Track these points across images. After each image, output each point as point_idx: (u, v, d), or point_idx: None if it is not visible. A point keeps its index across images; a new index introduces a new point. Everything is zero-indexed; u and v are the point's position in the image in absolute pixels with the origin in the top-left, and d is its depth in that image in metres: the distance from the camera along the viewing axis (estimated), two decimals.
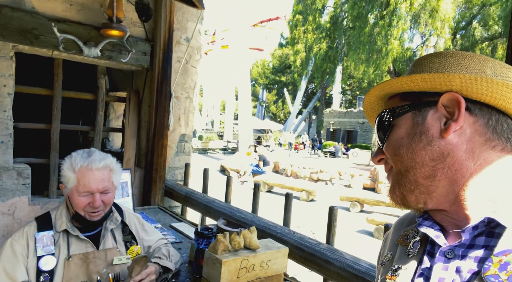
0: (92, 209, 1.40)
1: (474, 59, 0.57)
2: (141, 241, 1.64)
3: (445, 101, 0.56)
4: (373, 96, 0.67)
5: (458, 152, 0.55)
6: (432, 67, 0.59)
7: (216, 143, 24.12)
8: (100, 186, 1.40)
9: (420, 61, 0.63)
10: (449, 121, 0.55)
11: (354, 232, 7.21)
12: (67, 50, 2.61)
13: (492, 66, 0.57)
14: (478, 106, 0.56)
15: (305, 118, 40.53)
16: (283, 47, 41.93)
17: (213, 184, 5.31)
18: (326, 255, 1.76)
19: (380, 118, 0.65)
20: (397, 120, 0.61)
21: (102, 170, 1.41)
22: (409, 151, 0.58)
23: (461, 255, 0.53)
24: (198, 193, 2.92)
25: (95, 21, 2.78)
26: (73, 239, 1.43)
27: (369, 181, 12.12)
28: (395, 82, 0.60)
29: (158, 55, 3.05)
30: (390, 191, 0.64)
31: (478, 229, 0.53)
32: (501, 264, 0.47)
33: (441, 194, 0.57)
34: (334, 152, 20.74)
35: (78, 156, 1.42)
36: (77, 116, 3.97)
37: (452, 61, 0.58)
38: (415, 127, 0.58)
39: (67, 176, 1.39)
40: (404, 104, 0.61)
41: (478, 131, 0.55)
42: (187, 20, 3.37)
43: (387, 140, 0.62)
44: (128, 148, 3.13)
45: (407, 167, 0.59)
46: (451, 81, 0.54)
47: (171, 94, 3.16)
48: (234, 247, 1.49)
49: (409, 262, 0.61)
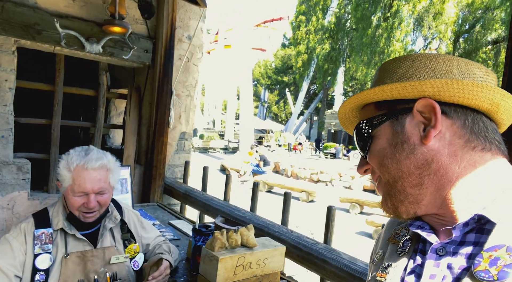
0: (86, 210, 1.37)
1: (439, 60, 0.58)
2: (140, 239, 1.63)
3: (420, 107, 0.57)
4: (347, 107, 0.68)
5: (441, 156, 0.55)
6: (400, 72, 0.60)
7: (217, 142, 24.13)
8: (95, 186, 1.36)
9: (387, 67, 0.63)
10: (427, 128, 0.56)
11: (353, 233, 7.21)
12: (69, 46, 2.61)
13: (458, 65, 0.57)
14: (452, 108, 0.56)
15: (306, 119, 40.52)
16: (286, 48, 41.93)
17: (213, 183, 5.32)
18: (323, 254, 1.75)
19: (358, 129, 0.65)
20: (376, 130, 0.62)
21: (98, 169, 1.37)
22: (394, 161, 0.59)
23: (452, 251, 0.54)
24: (197, 191, 2.92)
25: (97, 18, 2.78)
26: (71, 237, 1.41)
27: (369, 183, 12.10)
28: (368, 93, 0.60)
29: (160, 53, 3.06)
30: (382, 203, 0.64)
31: (468, 226, 0.53)
32: (491, 259, 0.47)
33: (429, 201, 0.58)
34: (335, 153, 20.72)
35: (75, 154, 1.38)
36: (78, 112, 3.97)
37: (418, 65, 0.59)
38: (396, 136, 0.59)
39: (63, 174, 1.36)
40: (380, 114, 0.61)
41: (457, 133, 0.56)
42: (190, 18, 3.37)
43: (369, 151, 0.63)
44: (128, 145, 3.13)
45: (395, 177, 0.59)
46: (423, 87, 0.55)
47: (172, 92, 3.16)
48: (231, 244, 1.49)
49: (399, 260, 0.62)
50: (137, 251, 1.56)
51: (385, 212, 0.64)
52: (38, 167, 2.83)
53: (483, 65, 0.59)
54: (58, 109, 2.81)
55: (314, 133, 40.32)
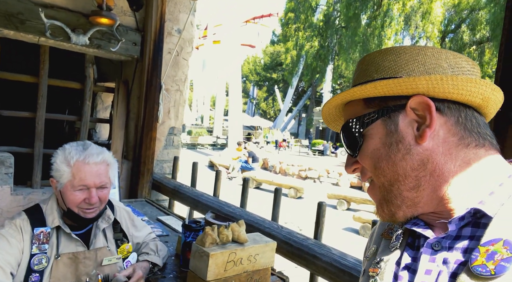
0: (87, 206, 1.33)
1: (428, 53, 0.56)
2: (131, 238, 1.60)
3: (414, 105, 0.55)
4: (333, 105, 0.65)
5: (436, 156, 0.54)
6: (387, 66, 0.58)
7: (205, 139, 23.99)
8: (97, 180, 1.32)
9: (372, 59, 0.61)
10: (422, 127, 0.54)
11: (341, 229, 7.28)
12: (54, 37, 2.53)
13: (446, 58, 0.56)
14: (446, 104, 0.55)
15: (295, 116, 40.66)
16: (275, 45, 41.89)
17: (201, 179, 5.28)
18: (313, 250, 1.75)
19: (347, 128, 0.62)
20: (367, 129, 0.59)
21: (99, 164, 1.33)
22: (390, 163, 0.56)
23: (448, 246, 0.53)
24: (187, 187, 2.89)
25: (84, 8, 2.71)
26: (63, 237, 1.35)
27: (356, 179, 12.24)
28: (359, 90, 0.57)
29: (149, 46, 3.00)
30: (378, 209, 0.61)
31: (464, 220, 0.52)
32: (488, 253, 0.47)
33: (426, 202, 0.56)
34: (323, 150, 20.87)
35: (73, 148, 1.33)
36: (64, 105, 3.88)
37: (407, 58, 0.57)
38: (390, 136, 0.56)
39: (61, 170, 1.30)
40: (370, 112, 0.58)
41: (451, 131, 0.55)
42: (179, 11, 3.31)
43: (360, 151, 0.60)
44: (116, 140, 3.07)
45: (391, 181, 0.57)
46: (417, 84, 0.53)
47: (161, 86, 3.11)
48: (222, 240, 1.47)
49: (391, 255, 0.60)
50: (129, 251, 1.53)
51: (381, 219, 0.62)
52: (21, 161, 2.75)
53: (468, 57, 0.58)
54: (43, 102, 2.73)
55: (302, 130, 40.51)
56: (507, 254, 0.45)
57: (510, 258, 0.45)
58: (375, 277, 0.60)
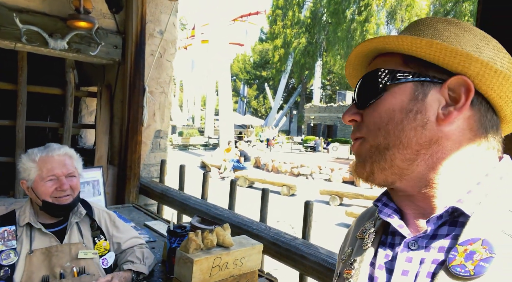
0: (60, 193, 1.40)
1: (490, 44, 0.52)
2: (111, 237, 1.61)
3: (453, 85, 0.51)
4: (372, 45, 0.56)
5: (446, 141, 0.51)
6: (447, 36, 0.52)
7: (196, 139, 23.86)
8: (64, 169, 1.42)
9: (433, 24, 0.54)
10: (449, 108, 0.50)
11: (334, 225, 7.31)
12: (31, 42, 2.47)
13: (503, 58, 0.52)
14: (480, 99, 0.52)
15: (286, 113, 40.74)
16: (264, 42, 41.86)
17: (193, 181, 5.24)
18: (301, 250, 1.74)
19: (373, 75, 0.55)
20: (393, 86, 0.53)
21: (62, 155, 1.44)
22: (398, 129, 0.52)
23: (424, 246, 0.51)
24: (174, 190, 2.85)
25: (61, 12, 2.65)
26: (36, 233, 1.42)
27: (348, 174, 12.31)
28: (412, 40, 0.50)
29: (130, 48, 2.95)
30: (357, 165, 0.57)
31: (442, 218, 0.51)
32: (467, 253, 0.45)
33: (413, 178, 0.53)
34: (315, 147, 20.94)
35: (35, 149, 1.44)
36: (46, 112, 3.80)
37: (469, 38, 0.52)
38: (413, 103, 0.52)
39: (28, 167, 1.39)
40: (406, 71, 0.52)
41: (470, 126, 0.52)
42: (161, 12, 3.27)
43: (373, 105, 0.54)
44: (100, 145, 3.02)
45: (389, 145, 0.53)
46: (472, 64, 0.49)
47: (144, 89, 3.06)
48: (207, 245, 1.45)
49: (365, 254, 0.58)
50: (107, 249, 1.55)
51: (357, 175, 0.58)
52: (2, 171, 2.68)
53: None
54: (22, 109, 2.66)
55: (294, 127, 40.62)
56: (486, 254, 0.44)
57: (489, 258, 0.44)
58: (349, 279, 0.58)
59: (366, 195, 8.53)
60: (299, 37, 25.25)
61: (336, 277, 0.65)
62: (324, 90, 40.02)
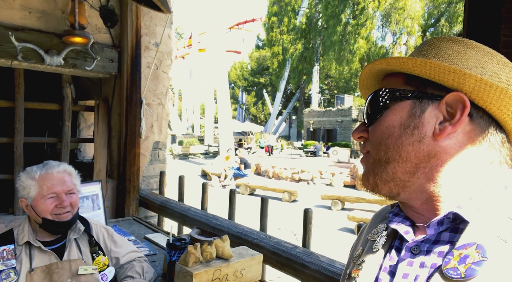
0: (60, 211, 1.41)
1: (494, 59, 0.54)
2: (109, 253, 1.61)
3: (450, 101, 0.52)
4: (375, 69, 0.62)
5: (445, 155, 0.53)
6: (449, 54, 0.55)
7: (197, 148, 23.85)
8: (64, 186, 1.43)
9: (437, 43, 0.57)
10: (445, 123, 0.52)
11: (336, 230, 7.27)
12: (27, 60, 2.49)
13: (509, 72, 0.53)
14: (480, 114, 0.53)
15: (285, 119, 40.79)
16: (260, 49, 42.09)
17: (193, 191, 5.23)
18: (302, 258, 1.73)
19: (376, 95, 0.59)
20: (393, 104, 0.57)
21: (62, 172, 1.45)
22: (397, 144, 0.55)
23: (426, 250, 0.53)
24: (174, 201, 2.85)
25: (56, 29, 2.67)
26: (36, 251, 1.42)
27: (349, 178, 12.28)
28: (408, 61, 0.54)
29: (126, 62, 2.97)
30: (363, 177, 0.61)
31: (443, 225, 0.52)
32: (461, 257, 0.47)
33: (415, 190, 0.55)
34: (315, 151, 20.93)
35: (34, 167, 1.45)
36: (44, 127, 3.81)
37: (471, 55, 0.54)
38: (411, 119, 0.54)
39: (27, 185, 1.39)
40: (405, 89, 0.56)
41: (471, 139, 0.53)
42: (156, 24, 3.29)
43: (376, 122, 0.58)
44: (99, 159, 3.02)
45: (389, 159, 0.56)
46: (466, 80, 0.50)
47: (141, 101, 3.08)
48: (206, 257, 1.45)
49: (374, 256, 0.60)
50: (106, 264, 1.54)
51: (363, 187, 0.61)
52: (1, 189, 2.68)
53: None
54: (20, 126, 2.67)
55: (293, 132, 40.64)
56: (478, 258, 0.45)
57: (480, 262, 0.45)
58: (356, 278, 0.60)
59: (368, 198, 8.50)
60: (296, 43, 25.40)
61: (345, 276, 0.68)
62: (322, 94, 40.13)
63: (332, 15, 20.01)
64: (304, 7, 26.11)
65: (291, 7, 24.85)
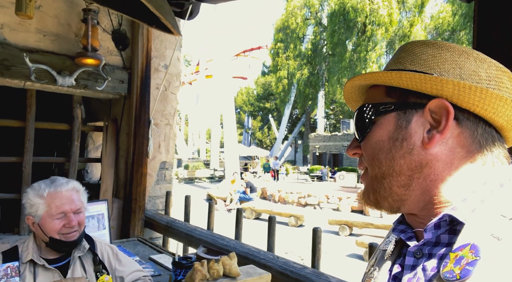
0: (68, 230, 1.39)
1: (470, 57, 0.53)
2: (114, 272, 1.58)
3: (433, 108, 0.52)
4: (356, 84, 0.63)
5: (437, 162, 0.52)
6: (424, 59, 0.55)
7: (202, 172, 23.80)
8: (73, 205, 1.41)
9: (412, 49, 0.58)
10: (433, 131, 0.52)
11: (344, 256, 7.06)
12: (40, 80, 2.55)
13: (488, 68, 0.53)
14: (466, 115, 0.52)
15: (291, 143, 40.80)
16: (266, 75, 42.85)
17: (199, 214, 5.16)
18: (311, 279, 1.67)
19: (361, 112, 0.60)
20: (379, 118, 0.57)
21: (70, 190, 1.43)
22: (389, 158, 0.55)
23: (428, 253, 0.52)
24: (180, 222, 2.80)
25: (69, 51, 2.76)
26: (40, 269, 1.40)
27: (356, 203, 12.07)
28: (383, 75, 0.55)
29: (136, 83, 3.03)
30: (363, 195, 0.61)
31: (441, 227, 0.52)
32: (456, 259, 0.46)
33: (413, 202, 0.56)
34: (321, 176, 20.74)
35: (42, 184, 1.42)
36: (52, 147, 3.85)
37: (447, 57, 0.54)
38: (398, 131, 0.54)
39: (35, 203, 1.38)
40: (388, 102, 0.56)
41: (461, 143, 0.52)
42: (165, 47, 3.39)
43: (366, 138, 0.59)
44: (106, 178, 3.02)
45: (384, 174, 0.56)
46: (443, 86, 0.50)
47: (150, 121, 3.11)
48: (213, 275, 1.40)
49: (384, 264, 0.60)
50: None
51: (365, 204, 0.61)
52: (8, 208, 2.68)
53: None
54: (30, 146, 2.70)
55: (299, 157, 40.51)
56: (472, 258, 0.45)
57: (474, 262, 0.45)
58: None
59: (377, 223, 8.31)
60: (302, 69, 25.85)
61: None
62: (328, 119, 40.31)
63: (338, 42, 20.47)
64: (309, 34, 26.79)
65: (296, 34, 25.50)
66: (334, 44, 21.10)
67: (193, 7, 2.69)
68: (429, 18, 22.19)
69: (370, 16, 20.00)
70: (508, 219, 0.46)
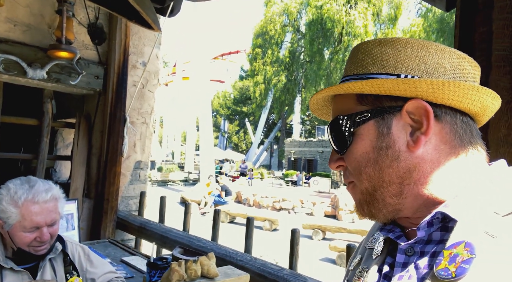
0: (38, 244, 1.31)
1: (431, 50, 0.53)
2: (85, 273, 1.50)
3: (410, 109, 0.52)
4: (323, 95, 0.61)
5: (424, 164, 0.52)
6: (386, 60, 0.54)
7: (176, 174, 23.38)
8: (48, 219, 1.31)
9: (370, 50, 0.56)
10: (416, 133, 0.51)
11: (317, 260, 7.13)
12: (8, 72, 2.42)
13: (449, 58, 0.53)
14: (443, 110, 0.52)
15: (266, 148, 40.98)
16: (243, 80, 42.94)
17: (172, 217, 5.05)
18: (289, 281, 1.66)
19: (336, 125, 0.57)
20: (358, 129, 0.55)
21: (49, 201, 1.31)
22: (376, 169, 0.53)
23: (419, 251, 0.52)
24: (154, 223, 2.72)
25: (42, 43, 2.63)
26: (7, 272, 1.31)
27: (330, 208, 12.26)
28: (353, 86, 0.53)
29: (112, 79, 2.93)
30: (357, 208, 0.59)
31: (433, 225, 0.51)
32: (451, 256, 0.46)
33: (407, 208, 0.55)
34: (296, 181, 20.93)
35: (18, 187, 1.29)
36: (19, 143, 3.65)
37: (408, 54, 0.53)
38: (381, 139, 0.53)
39: (8, 211, 1.25)
40: (363, 111, 0.54)
41: (444, 139, 0.52)
42: (144, 44, 3.31)
43: (348, 151, 0.56)
44: (76, 177, 2.89)
45: (375, 186, 0.54)
46: (417, 87, 0.50)
47: (125, 119, 3.01)
48: (190, 276, 1.36)
49: (373, 263, 0.59)
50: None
51: (361, 217, 0.59)
52: None
53: (471, 58, 0.55)
54: None
55: (274, 161, 40.73)
56: (467, 256, 0.45)
57: (469, 260, 0.44)
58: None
59: (349, 228, 8.46)
60: (279, 75, 26.11)
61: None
62: (303, 125, 40.86)
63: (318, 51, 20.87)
64: (287, 41, 27.13)
65: (275, 41, 25.76)
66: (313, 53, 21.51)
67: (174, 4, 2.64)
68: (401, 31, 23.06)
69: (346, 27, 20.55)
70: (501, 216, 0.46)
